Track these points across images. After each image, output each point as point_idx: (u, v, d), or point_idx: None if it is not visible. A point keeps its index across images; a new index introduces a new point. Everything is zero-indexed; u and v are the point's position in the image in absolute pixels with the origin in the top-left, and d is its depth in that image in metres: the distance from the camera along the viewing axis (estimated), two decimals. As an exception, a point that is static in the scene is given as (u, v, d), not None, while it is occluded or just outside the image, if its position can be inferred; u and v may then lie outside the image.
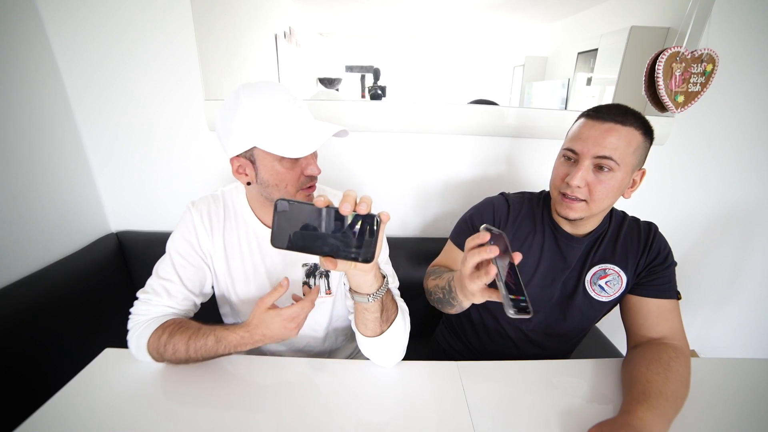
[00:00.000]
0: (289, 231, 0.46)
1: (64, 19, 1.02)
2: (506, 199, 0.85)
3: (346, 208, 0.44)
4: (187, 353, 0.65)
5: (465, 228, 0.86)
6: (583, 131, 0.68)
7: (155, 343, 0.66)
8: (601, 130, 0.66)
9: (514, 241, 0.82)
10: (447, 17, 2.12)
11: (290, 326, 0.63)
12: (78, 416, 0.58)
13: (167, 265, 0.73)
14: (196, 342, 0.65)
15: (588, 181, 0.67)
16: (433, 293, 0.76)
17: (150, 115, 1.14)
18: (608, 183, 0.67)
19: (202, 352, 0.65)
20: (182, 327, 0.67)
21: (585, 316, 0.82)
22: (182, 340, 0.65)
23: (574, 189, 0.68)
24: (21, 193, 0.96)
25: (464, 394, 0.65)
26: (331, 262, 0.48)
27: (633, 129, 0.65)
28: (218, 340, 0.64)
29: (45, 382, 0.78)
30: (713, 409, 0.63)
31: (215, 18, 1.07)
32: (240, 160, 0.67)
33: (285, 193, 0.68)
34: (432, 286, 0.77)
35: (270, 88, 0.65)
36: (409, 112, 1.15)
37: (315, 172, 0.68)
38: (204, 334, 0.65)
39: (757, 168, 1.25)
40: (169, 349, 0.65)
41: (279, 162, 0.65)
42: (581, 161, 0.67)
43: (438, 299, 0.74)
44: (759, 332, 1.52)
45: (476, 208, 0.88)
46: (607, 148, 0.65)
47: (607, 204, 0.70)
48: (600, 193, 0.67)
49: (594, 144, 0.66)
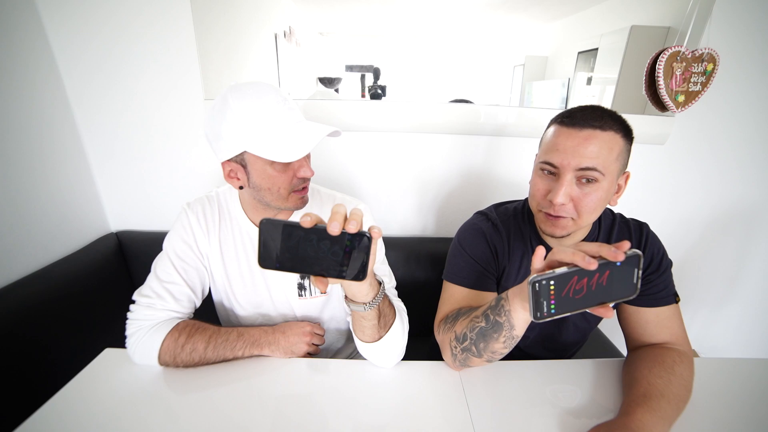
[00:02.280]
0: (276, 251, 0.44)
1: (64, 19, 1.02)
2: (491, 222, 0.77)
3: (335, 228, 0.42)
4: (204, 351, 0.66)
5: (465, 265, 0.75)
6: (560, 141, 0.61)
7: (171, 345, 0.65)
8: (580, 139, 0.59)
9: (511, 266, 0.75)
10: (447, 17, 2.12)
11: (305, 338, 0.72)
12: (78, 416, 0.58)
13: (168, 268, 0.72)
14: (217, 338, 0.68)
15: (572, 196, 0.61)
16: (468, 334, 0.63)
17: (150, 115, 1.14)
18: (594, 195, 0.61)
19: (221, 348, 0.68)
20: (200, 328, 0.69)
21: (578, 328, 0.80)
22: (202, 339, 0.67)
23: (558, 208, 0.62)
24: (21, 193, 0.96)
25: (464, 394, 0.65)
26: (321, 282, 0.47)
27: (613, 133, 0.59)
28: (240, 334, 0.70)
29: (45, 382, 0.79)
30: (713, 409, 0.63)
31: (215, 18, 1.07)
32: (231, 164, 0.66)
33: (278, 196, 0.67)
34: (463, 327, 0.64)
35: (258, 89, 0.63)
36: (408, 111, 1.15)
37: (308, 174, 0.67)
38: (226, 330, 0.70)
39: (757, 168, 1.25)
40: (187, 349, 0.66)
41: (271, 165, 0.64)
42: (562, 176, 0.61)
43: (479, 332, 0.60)
44: (759, 332, 1.51)
45: (465, 240, 0.77)
46: (589, 158, 0.58)
47: (595, 216, 0.65)
48: (587, 208, 0.61)
49: (574, 155, 0.59)
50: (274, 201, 0.68)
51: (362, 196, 1.27)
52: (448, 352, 0.67)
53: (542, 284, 0.46)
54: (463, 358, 0.65)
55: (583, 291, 0.46)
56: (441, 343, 0.70)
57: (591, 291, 0.46)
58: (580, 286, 0.46)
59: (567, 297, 0.47)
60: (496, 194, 1.27)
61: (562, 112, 0.65)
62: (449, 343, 0.67)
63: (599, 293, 0.47)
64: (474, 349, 0.62)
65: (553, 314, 0.48)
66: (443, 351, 0.70)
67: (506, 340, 0.58)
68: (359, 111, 1.15)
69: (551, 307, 0.47)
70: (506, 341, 0.58)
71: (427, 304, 0.83)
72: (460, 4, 1.96)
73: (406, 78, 2.30)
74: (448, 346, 0.67)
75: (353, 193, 1.12)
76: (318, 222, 0.44)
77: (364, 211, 0.47)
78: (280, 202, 0.69)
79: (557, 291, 0.46)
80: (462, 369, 0.69)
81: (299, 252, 0.45)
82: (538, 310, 0.47)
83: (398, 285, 0.83)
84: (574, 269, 0.45)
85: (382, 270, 0.81)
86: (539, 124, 1.15)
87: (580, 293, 0.47)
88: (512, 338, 0.58)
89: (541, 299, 0.47)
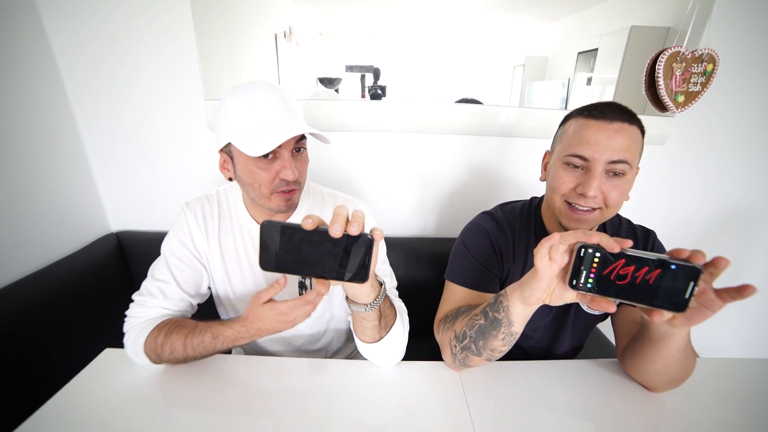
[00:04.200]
0: (277, 253, 0.44)
1: (64, 19, 1.02)
2: (496, 221, 0.76)
3: (337, 230, 0.42)
4: (185, 351, 0.65)
5: (468, 265, 0.75)
6: (590, 134, 0.61)
7: (152, 344, 0.65)
8: (611, 132, 0.60)
9: (516, 267, 0.75)
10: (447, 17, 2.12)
11: (284, 320, 0.61)
12: (78, 416, 0.58)
13: (162, 267, 0.73)
14: (193, 339, 0.64)
15: (602, 188, 0.61)
16: (467, 332, 0.63)
17: (150, 115, 1.14)
18: (622, 188, 0.62)
19: (200, 349, 0.65)
20: (178, 326, 0.66)
21: (577, 328, 0.80)
22: (179, 339, 0.65)
23: (589, 200, 0.62)
24: (21, 193, 0.96)
25: (464, 394, 0.65)
26: (323, 284, 0.47)
27: (636, 128, 0.62)
28: (215, 336, 0.64)
29: (45, 382, 0.78)
30: (713, 409, 0.63)
31: (215, 18, 1.07)
32: (223, 155, 0.69)
33: (260, 193, 0.67)
34: (462, 325, 0.64)
35: (254, 87, 0.64)
36: (408, 111, 1.15)
37: (289, 176, 0.64)
38: (200, 332, 0.65)
39: (757, 168, 1.25)
40: (167, 348, 0.64)
41: (252, 161, 0.64)
42: (593, 168, 0.61)
43: (479, 330, 0.61)
44: (759, 332, 1.52)
45: (469, 239, 0.77)
46: (621, 151, 0.59)
47: (618, 209, 0.65)
48: (615, 200, 0.62)
49: (606, 148, 0.60)
50: (258, 198, 0.68)
51: (362, 196, 1.27)
52: (448, 351, 0.67)
53: (588, 252, 0.44)
54: (462, 357, 0.65)
55: (626, 279, 0.44)
56: (441, 342, 0.70)
57: (634, 284, 0.43)
58: (625, 272, 0.43)
59: (608, 278, 0.44)
60: (498, 194, 1.27)
61: (585, 106, 0.65)
62: (449, 342, 0.67)
63: (642, 290, 0.43)
64: (473, 347, 0.62)
65: (589, 289, 0.45)
66: (443, 351, 0.70)
67: (505, 337, 0.58)
68: (359, 111, 1.15)
69: (589, 280, 0.45)
70: (505, 338, 0.58)
71: (428, 304, 0.83)
72: (460, 4, 1.96)
73: (406, 78, 2.30)
74: (448, 346, 0.67)
75: (353, 193, 1.12)
76: (320, 224, 0.44)
77: (366, 212, 0.46)
78: (263, 201, 0.68)
79: (600, 266, 0.44)
80: (462, 369, 0.69)
81: (301, 254, 0.44)
82: (575, 278, 0.45)
83: (398, 285, 0.83)
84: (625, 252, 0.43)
85: (383, 270, 0.81)
86: (541, 124, 1.16)
87: (623, 280, 0.44)
88: (511, 335, 0.58)
89: (581, 267, 0.45)
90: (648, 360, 0.61)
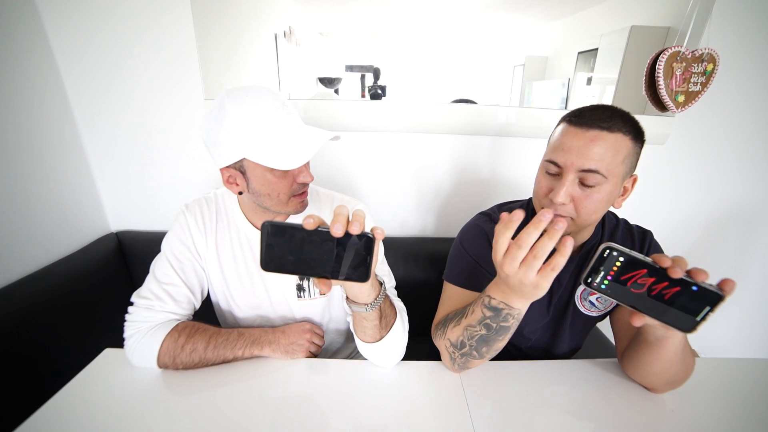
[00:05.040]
0: (279, 254, 0.44)
1: (64, 19, 1.02)
2: (494, 222, 0.75)
3: (338, 229, 0.42)
4: (204, 352, 0.67)
5: (466, 265, 0.75)
6: (566, 140, 0.60)
7: (171, 346, 0.65)
8: (585, 140, 0.58)
9: None
10: (447, 17, 2.12)
11: (305, 336, 0.72)
12: (78, 416, 0.58)
13: (166, 269, 0.72)
14: (218, 338, 0.68)
15: (573, 196, 0.60)
16: (466, 342, 0.62)
17: (150, 115, 1.14)
18: (595, 197, 0.60)
19: (222, 347, 0.68)
20: (200, 329, 0.69)
21: (575, 330, 0.80)
22: (203, 339, 0.67)
23: (558, 207, 0.61)
24: (21, 193, 0.96)
25: (464, 394, 0.65)
26: (324, 284, 0.47)
27: (621, 135, 0.58)
28: (240, 333, 0.70)
29: (45, 382, 0.79)
30: (713, 409, 0.63)
31: (215, 18, 1.08)
32: (230, 170, 0.65)
33: (277, 201, 0.67)
34: (457, 335, 0.63)
35: (256, 94, 0.62)
36: (408, 111, 1.15)
37: (308, 179, 0.67)
38: (227, 330, 0.71)
39: (757, 168, 1.25)
40: (187, 349, 0.66)
41: (270, 172, 0.63)
42: (564, 175, 0.60)
43: (480, 340, 0.60)
44: (759, 332, 1.51)
45: (467, 240, 0.77)
46: (593, 160, 0.57)
47: (596, 218, 0.64)
48: (587, 209, 0.61)
49: (578, 155, 0.58)
50: (274, 206, 0.69)
51: (362, 197, 1.27)
52: (447, 356, 0.67)
53: (612, 255, 0.44)
54: (462, 362, 0.65)
55: (642, 288, 0.44)
56: (438, 347, 0.70)
57: (649, 295, 0.43)
58: (643, 281, 0.43)
59: (625, 283, 0.44)
60: (496, 195, 1.27)
61: (573, 111, 0.64)
62: (446, 348, 0.67)
63: (654, 304, 0.44)
64: (475, 353, 0.62)
65: (602, 290, 0.45)
66: (442, 355, 0.70)
67: (510, 335, 0.60)
68: (359, 111, 1.15)
69: (605, 281, 0.45)
70: (509, 336, 0.60)
71: (427, 304, 0.83)
72: (460, 4, 1.96)
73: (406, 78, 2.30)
74: (446, 351, 0.67)
75: (353, 194, 1.12)
76: (320, 224, 0.44)
77: (364, 213, 0.47)
78: (280, 207, 0.69)
79: (620, 271, 0.44)
80: (462, 371, 0.69)
81: (302, 254, 0.44)
82: (590, 276, 0.46)
83: (397, 285, 0.83)
84: (650, 262, 0.43)
85: (382, 270, 0.81)
86: (541, 124, 1.15)
87: (639, 289, 0.44)
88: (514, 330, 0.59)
89: (601, 267, 0.45)
90: (646, 362, 0.61)
